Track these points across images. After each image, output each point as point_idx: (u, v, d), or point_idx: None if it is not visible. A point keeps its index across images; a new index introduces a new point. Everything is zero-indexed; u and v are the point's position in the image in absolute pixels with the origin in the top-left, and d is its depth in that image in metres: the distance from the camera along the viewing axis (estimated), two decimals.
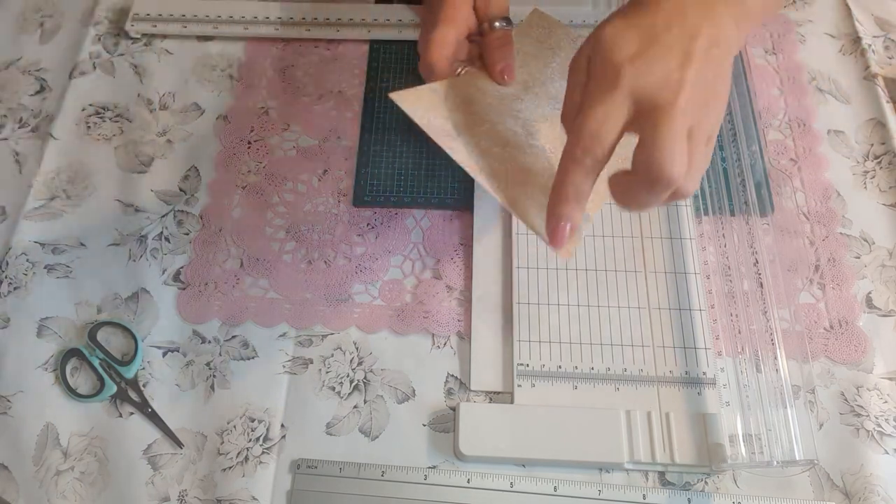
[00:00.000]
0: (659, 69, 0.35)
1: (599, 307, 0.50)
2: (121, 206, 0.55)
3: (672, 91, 0.34)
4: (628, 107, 0.35)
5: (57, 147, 0.58)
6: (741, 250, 0.50)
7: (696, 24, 0.36)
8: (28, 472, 0.46)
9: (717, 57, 0.36)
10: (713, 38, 0.36)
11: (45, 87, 0.61)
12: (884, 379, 0.47)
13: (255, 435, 0.47)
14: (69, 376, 0.49)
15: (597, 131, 0.35)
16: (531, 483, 0.44)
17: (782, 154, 0.56)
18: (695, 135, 0.35)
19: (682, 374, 0.47)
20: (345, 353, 0.49)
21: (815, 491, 0.44)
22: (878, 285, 0.50)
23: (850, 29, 0.61)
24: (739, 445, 0.44)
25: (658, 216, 0.53)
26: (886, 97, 0.58)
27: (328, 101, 0.59)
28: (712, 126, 0.37)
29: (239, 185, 0.55)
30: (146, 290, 0.51)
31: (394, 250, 0.53)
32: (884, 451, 0.45)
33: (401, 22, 0.61)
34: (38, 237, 0.54)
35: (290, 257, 0.52)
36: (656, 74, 0.35)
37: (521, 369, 0.48)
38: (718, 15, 0.37)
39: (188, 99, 0.60)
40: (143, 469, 0.46)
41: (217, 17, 0.62)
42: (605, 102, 0.35)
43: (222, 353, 0.49)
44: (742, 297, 0.48)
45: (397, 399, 0.48)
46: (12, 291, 0.52)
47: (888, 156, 0.55)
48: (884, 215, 0.53)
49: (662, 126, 0.34)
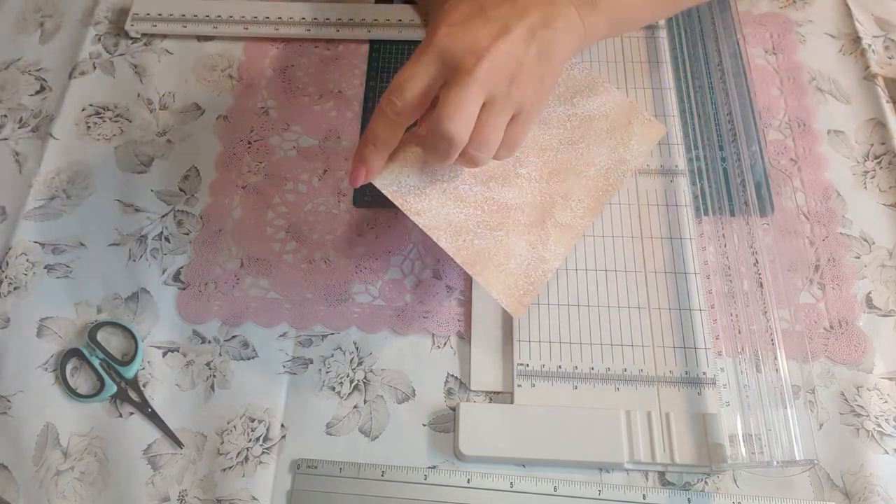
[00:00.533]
0: (471, 36, 0.36)
1: (599, 307, 0.50)
2: (121, 206, 0.55)
3: (475, 57, 0.36)
4: (437, 67, 0.37)
5: (57, 147, 0.58)
6: (741, 250, 0.50)
7: (527, 4, 0.37)
8: (28, 472, 0.46)
9: (544, 38, 0.37)
10: (543, 19, 0.37)
11: (45, 87, 0.61)
12: (884, 379, 0.47)
13: (255, 435, 0.47)
14: (69, 376, 0.49)
15: (401, 84, 0.37)
16: (531, 483, 0.44)
17: (782, 154, 0.56)
18: (494, 105, 0.37)
19: (682, 374, 0.47)
20: (345, 353, 0.49)
21: (815, 491, 0.44)
22: (878, 285, 0.50)
23: (850, 29, 0.61)
24: (739, 445, 0.44)
25: (658, 216, 0.53)
26: (886, 97, 0.58)
27: (328, 101, 0.59)
28: (521, 102, 0.38)
29: (239, 185, 0.55)
30: (146, 290, 0.51)
31: (394, 250, 0.53)
32: (884, 451, 0.45)
33: (401, 22, 0.61)
34: (38, 237, 0.54)
35: (290, 257, 0.52)
36: (466, 40, 0.36)
37: (521, 369, 0.48)
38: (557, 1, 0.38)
39: (188, 99, 0.60)
40: (143, 469, 0.46)
41: (217, 17, 0.62)
42: (414, 59, 0.37)
43: (222, 353, 0.49)
44: (742, 297, 0.48)
45: (397, 399, 0.48)
46: (12, 291, 0.52)
47: (888, 156, 0.55)
48: (884, 215, 0.53)
49: (454, 86, 0.36)
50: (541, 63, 0.38)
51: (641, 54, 0.60)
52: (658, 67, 0.59)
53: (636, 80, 0.58)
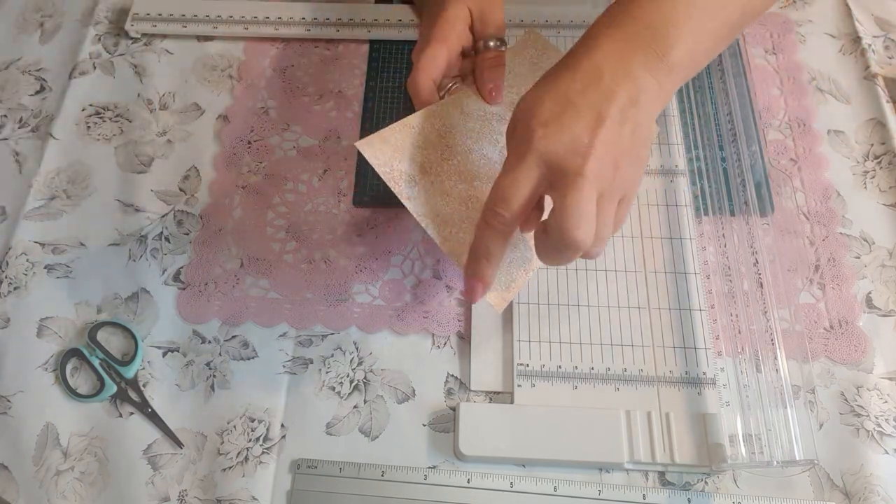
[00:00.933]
0: (569, 134, 0.35)
1: (599, 307, 0.50)
2: (121, 206, 0.55)
3: (581, 156, 0.35)
4: (540, 171, 0.36)
5: (57, 147, 0.58)
6: (741, 250, 0.50)
7: (612, 86, 0.36)
8: (28, 472, 0.46)
9: (634, 117, 0.36)
10: (630, 98, 0.36)
11: (45, 87, 0.61)
12: (884, 379, 0.47)
13: (255, 435, 0.47)
14: (69, 376, 0.49)
15: (505, 195, 0.36)
16: (531, 483, 0.44)
17: (782, 154, 0.56)
18: (605, 198, 0.36)
19: (682, 374, 0.47)
20: (345, 353, 0.49)
21: (815, 491, 0.44)
22: (878, 285, 0.50)
23: (850, 29, 0.61)
24: (739, 445, 0.44)
25: (658, 216, 0.53)
26: (886, 97, 0.58)
27: (328, 101, 0.59)
28: (626, 188, 0.37)
29: (239, 185, 0.55)
30: (146, 290, 0.51)
31: (394, 250, 0.53)
32: (884, 451, 0.45)
33: (401, 22, 0.61)
34: (38, 237, 0.54)
35: (290, 257, 0.52)
36: (566, 139, 0.35)
37: (521, 369, 0.48)
38: (637, 75, 0.37)
39: (188, 99, 0.60)
40: (143, 469, 0.46)
41: (217, 17, 0.62)
42: (515, 167, 0.36)
43: (222, 353, 0.49)
44: (742, 297, 0.48)
45: (397, 399, 0.48)
46: (12, 291, 0.52)
47: (888, 156, 0.55)
48: (884, 215, 0.53)
49: (570, 193, 0.35)
50: (635, 143, 0.37)
51: None
52: None
53: None
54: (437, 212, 0.44)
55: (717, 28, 0.40)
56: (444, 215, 0.44)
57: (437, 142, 0.46)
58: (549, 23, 0.61)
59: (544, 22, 0.61)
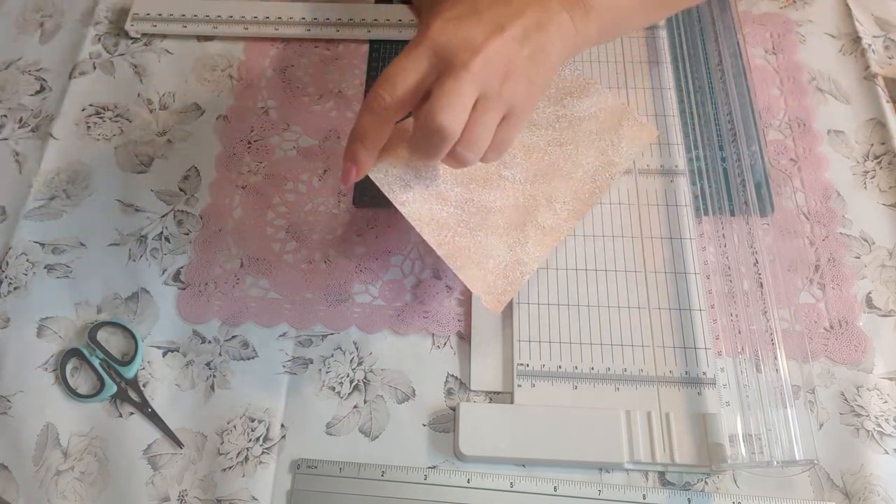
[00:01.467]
0: (465, 32, 0.36)
1: (599, 307, 0.50)
2: (121, 206, 0.55)
3: (470, 52, 0.36)
4: (429, 62, 0.36)
5: (57, 147, 0.58)
6: (741, 250, 0.50)
7: (521, 6, 0.37)
8: (28, 472, 0.46)
9: (537, 40, 0.37)
10: (537, 21, 0.37)
11: (45, 87, 0.61)
12: (884, 379, 0.47)
13: (255, 435, 0.47)
14: (69, 376, 0.49)
15: (391, 77, 0.37)
16: (531, 483, 0.44)
17: (782, 154, 0.56)
18: (485, 104, 0.36)
19: (682, 374, 0.47)
20: (345, 353, 0.49)
21: (815, 491, 0.44)
22: (878, 285, 0.50)
23: (850, 29, 0.61)
24: (739, 445, 0.44)
25: (658, 216, 0.53)
26: (886, 97, 0.58)
27: (328, 101, 0.59)
28: (512, 102, 0.37)
29: (239, 185, 0.55)
30: (146, 290, 0.51)
31: (394, 250, 0.53)
32: (884, 451, 0.45)
33: (401, 22, 0.61)
34: (38, 237, 0.54)
35: (290, 257, 0.52)
36: (461, 35, 0.36)
37: (521, 369, 0.48)
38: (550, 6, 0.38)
39: (188, 99, 0.60)
40: (143, 469, 0.46)
41: (217, 17, 0.62)
42: (405, 53, 0.37)
43: (222, 353, 0.49)
44: (742, 297, 0.48)
45: (397, 399, 0.48)
46: (12, 291, 0.52)
47: (888, 156, 0.55)
48: (884, 215, 0.53)
49: (448, 80, 0.35)
50: (533, 65, 0.37)
51: (641, 54, 0.60)
52: (658, 67, 0.59)
53: (636, 80, 0.58)
54: (433, 216, 0.44)
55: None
56: (439, 219, 0.44)
57: None
58: None
59: None
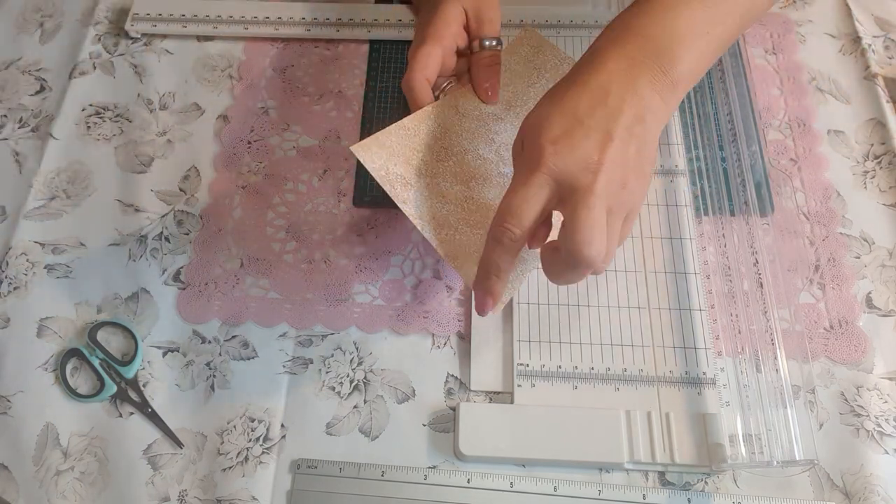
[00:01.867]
0: (579, 151, 0.36)
1: (599, 307, 0.50)
2: (121, 206, 0.55)
3: (591, 173, 0.35)
4: (550, 188, 0.36)
5: (57, 147, 0.58)
6: (741, 250, 0.50)
7: (619, 105, 0.37)
8: (28, 472, 0.46)
9: (640, 135, 0.37)
10: (636, 116, 0.37)
11: (45, 87, 0.61)
12: (884, 379, 0.47)
13: (255, 435, 0.47)
14: (69, 376, 0.49)
15: (515, 211, 0.37)
16: (531, 483, 0.44)
17: (782, 154, 0.56)
18: (613, 214, 0.36)
19: (682, 374, 0.47)
20: (345, 353, 0.49)
21: (815, 491, 0.44)
22: (878, 285, 0.50)
23: (850, 29, 0.61)
24: (739, 445, 0.44)
25: (658, 216, 0.53)
26: (886, 97, 0.58)
27: (328, 101, 0.59)
28: (632, 204, 0.38)
29: (239, 185, 0.55)
30: (146, 290, 0.51)
31: (394, 250, 0.53)
32: (884, 451, 0.45)
33: (401, 22, 0.61)
34: (38, 237, 0.54)
35: (290, 257, 0.52)
36: (576, 156, 0.36)
37: (521, 369, 0.48)
38: (642, 91, 0.37)
39: (188, 99, 0.60)
40: (143, 469, 0.46)
41: (217, 17, 0.62)
42: (525, 184, 0.37)
43: (222, 353, 0.49)
44: (742, 297, 0.48)
45: (397, 399, 0.48)
46: (12, 291, 0.52)
47: (888, 156, 0.55)
48: (884, 215, 0.53)
49: (581, 210, 0.35)
50: (641, 160, 0.37)
51: None
52: None
53: None
54: (434, 214, 0.44)
55: (718, 39, 0.40)
56: (440, 218, 0.44)
57: (432, 143, 0.46)
58: (549, 23, 0.61)
59: (544, 22, 0.61)
